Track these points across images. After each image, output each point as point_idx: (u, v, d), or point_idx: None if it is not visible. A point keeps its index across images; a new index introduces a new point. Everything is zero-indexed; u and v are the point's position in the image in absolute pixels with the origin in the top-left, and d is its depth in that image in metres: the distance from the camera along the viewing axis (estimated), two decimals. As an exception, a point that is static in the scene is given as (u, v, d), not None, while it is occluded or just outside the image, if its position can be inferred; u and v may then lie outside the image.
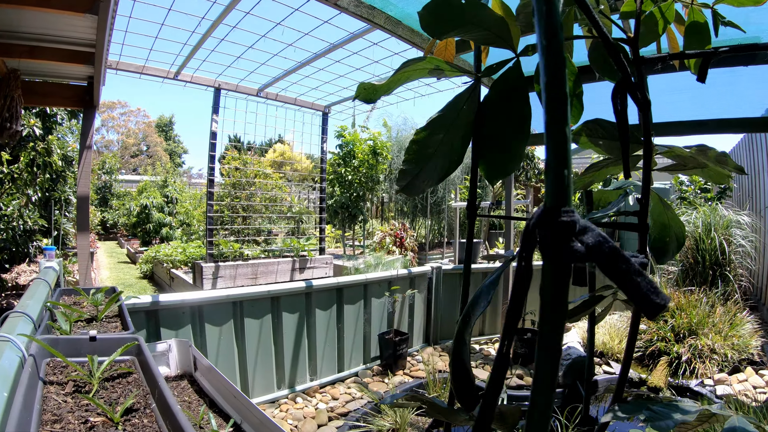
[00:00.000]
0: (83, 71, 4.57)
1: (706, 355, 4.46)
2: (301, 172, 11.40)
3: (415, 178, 0.99)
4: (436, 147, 0.98)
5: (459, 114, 0.97)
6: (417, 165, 0.98)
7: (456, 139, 0.97)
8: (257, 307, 3.53)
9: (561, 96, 0.41)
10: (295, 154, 13.84)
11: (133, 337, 1.22)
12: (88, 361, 1.05)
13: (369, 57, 5.26)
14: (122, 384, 1.04)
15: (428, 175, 0.97)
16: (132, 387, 1.01)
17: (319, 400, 3.70)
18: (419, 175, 0.98)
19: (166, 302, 3.02)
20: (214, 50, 5.10)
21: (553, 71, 0.41)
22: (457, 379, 0.73)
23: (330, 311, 4.08)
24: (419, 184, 0.98)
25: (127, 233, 17.82)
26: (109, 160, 22.32)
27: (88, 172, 5.09)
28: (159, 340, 2.88)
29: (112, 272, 11.35)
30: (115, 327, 1.62)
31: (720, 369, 4.42)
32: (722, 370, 4.41)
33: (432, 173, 0.97)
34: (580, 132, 1.07)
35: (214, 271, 6.29)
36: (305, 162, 13.38)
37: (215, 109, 6.12)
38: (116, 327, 1.62)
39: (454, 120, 0.97)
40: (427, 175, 0.97)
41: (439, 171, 0.96)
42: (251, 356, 3.49)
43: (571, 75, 1.08)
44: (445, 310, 5.26)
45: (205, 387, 2.51)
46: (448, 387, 3.83)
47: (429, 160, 0.98)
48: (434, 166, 0.97)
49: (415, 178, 0.99)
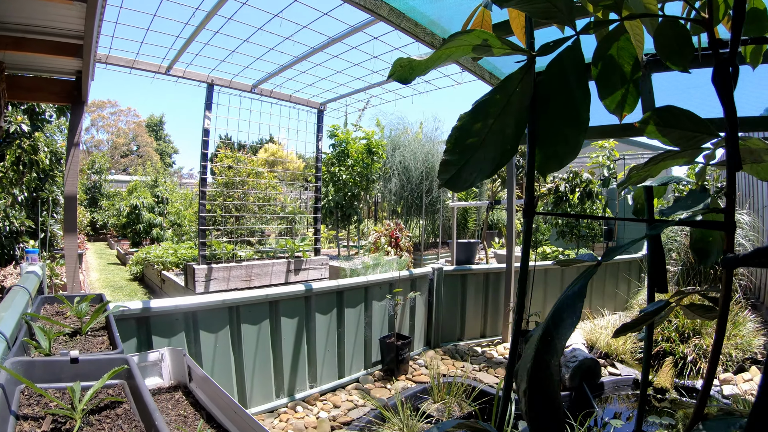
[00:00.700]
0: (71, 65, 4.38)
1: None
2: (293, 172, 11.22)
3: (461, 170, 0.84)
4: (485, 135, 0.83)
5: (511, 97, 0.82)
6: (462, 155, 0.83)
7: (509, 126, 0.82)
8: (254, 312, 3.36)
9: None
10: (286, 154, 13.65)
11: (122, 359, 1.06)
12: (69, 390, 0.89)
13: (368, 52, 5.11)
14: (111, 417, 0.88)
15: (477, 167, 0.82)
16: (122, 423, 0.85)
17: (320, 408, 3.54)
18: (465, 166, 0.83)
19: (157, 308, 2.84)
20: (208, 43, 4.91)
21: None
22: (538, 420, 0.57)
23: (330, 315, 3.91)
24: (466, 176, 0.83)
25: (117, 234, 17.51)
26: (98, 160, 21.92)
27: (76, 171, 4.88)
28: (151, 349, 2.71)
29: (101, 274, 11.09)
30: (101, 343, 1.45)
31: (725, 369, 4.38)
32: (727, 369, 4.37)
33: (481, 165, 0.82)
34: (648, 120, 0.93)
35: (207, 273, 6.09)
36: (297, 162, 13.19)
37: (208, 105, 5.93)
38: (102, 343, 1.45)
39: (505, 104, 0.83)
40: (475, 167, 0.82)
41: (490, 162, 0.81)
42: (249, 364, 3.32)
43: (629, 58, 0.93)
44: (446, 312, 5.12)
45: (201, 399, 2.34)
46: (453, 392, 3.70)
47: (477, 150, 0.83)
48: (483, 156, 0.82)
49: (460, 170, 0.85)
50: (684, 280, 6.10)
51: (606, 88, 0.93)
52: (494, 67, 5.11)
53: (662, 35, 0.98)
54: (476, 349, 5.09)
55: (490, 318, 5.49)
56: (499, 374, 4.37)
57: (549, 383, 0.56)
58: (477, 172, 0.84)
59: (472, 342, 5.33)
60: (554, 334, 0.58)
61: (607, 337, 4.92)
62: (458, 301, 5.23)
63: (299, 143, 24.31)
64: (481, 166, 0.83)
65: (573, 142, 0.80)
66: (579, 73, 0.74)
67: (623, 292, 6.83)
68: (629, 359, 4.75)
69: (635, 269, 7.10)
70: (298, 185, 11.46)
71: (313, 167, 7.81)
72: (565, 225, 9.51)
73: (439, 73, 5.83)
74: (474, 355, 4.92)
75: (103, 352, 1.29)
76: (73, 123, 4.80)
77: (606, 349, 4.81)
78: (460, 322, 5.28)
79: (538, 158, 0.81)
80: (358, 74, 5.86)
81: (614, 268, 6.83)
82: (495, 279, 5.44)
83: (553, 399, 0.55)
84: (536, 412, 0.56)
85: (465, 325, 5.30)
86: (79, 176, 20.69)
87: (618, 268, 6.87)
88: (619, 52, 0.91)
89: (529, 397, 0.57)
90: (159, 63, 5.48)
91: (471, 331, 5.38)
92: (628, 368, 4.57)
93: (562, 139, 0.81)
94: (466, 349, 5.07)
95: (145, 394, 0.86)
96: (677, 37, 0.90)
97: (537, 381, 0.56)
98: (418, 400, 3.76)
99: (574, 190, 8.58)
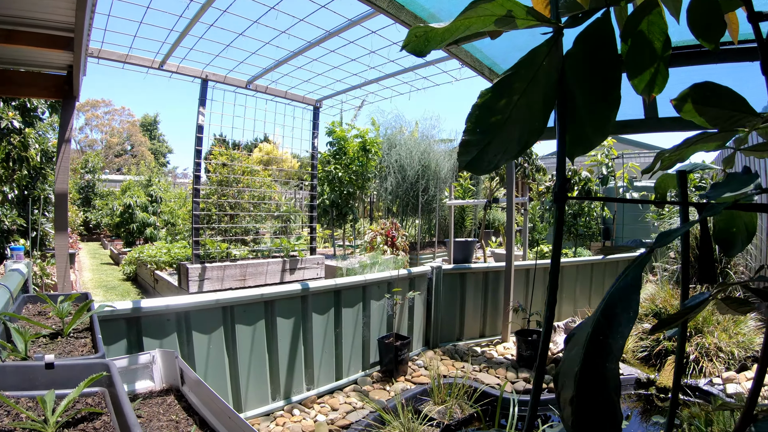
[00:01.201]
0: (63, 59, 4.26)
1: (713, 354, 4.40)
2: (288, 171, 11.12)
3: (484, 151, 0.76)
4: (510, 112, 0.75)
5: (538, 72, 0.75)
6: (485, 134, 0.75)
7: (536, 102, 0.74)
8: (249, 312, 3.26)
9: None
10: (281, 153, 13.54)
11: (102, 364, 0.96)
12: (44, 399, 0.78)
13: (366, 47, 5.01)
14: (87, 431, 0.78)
15: (502, 147, 0.74)
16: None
17: (318, 411, 3.44)
18: (489, 147, 0.75)
19: (148, 308, 2.73)
20: (202, 37, 4.79)
21: None
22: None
23: (327, 315, 3.81)
24: (489, 158, 0.74)
25: (111, 234, 17.31)
26: (92, 159, 21.68)
27: (67, 167, 4.76)
28: (141, 351, 2.60)
29: (94, 274, 10.94)
30: (83, 345, 1.34)
31: (727, 367, 4.33)
32: (729, 368, 4.32)
33: (507, 144, 0.73)
34: (685, 97, 0.84)
35: (201, 273, 5.98)
36: (291, 161, 13.08)
37: (202, 101, 5.81)
38: (85, 346, 1.34)
39: (531, 79, 0.74)
40: (500, 147, 0.74)
41: (517, 141, 0.73)
42: (243, 366, 3.21)
43: (660, 34, 0.85)
44: (445, 311, 5.03)
45: (194, 403, 2.24)
46: (454, 393, 3.61)
47: (501, 128, 0.75)
48: (509, 135, 0.74)
49: (483, 151, 0.76)
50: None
51: (635, 66, 0.85)
52: (493, 63, 5.02)
53: (694, 9, 0.90)
54: (476, 349, 5.01)
55: (490, 317, 5.40)
56: (499, 375, 4.29)
57: (604, 391, 0.47)
58: (502, 153, 0.76)
59: (471, 342, 5.24)
60: (607, 332, 0.49)
61: (608, 336, 4.85)
62: (457, 300, 5.15)
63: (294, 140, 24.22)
64: (506, 146, 0.75)
65: (603, 122, 0.73)
66: (610, 46, 0.68)
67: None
68: (630, 358, 4.69)
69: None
70: (293, 185, 11.37)
71: (309, 166, 7.71)
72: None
73: (437, 68, 5.75)
74: (474, 355, 4.83)
75: (84, 356, 1.19)
76: (65, 119, 4.68)
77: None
78: (459, 322, 5.20)
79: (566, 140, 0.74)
80: (355, 70, 5.76)
81: (614, 266, 6.77)
82: (494, 278, 5.36)
83: (612, 410, 0.46)
84: (590, 424, 0.46)
85: (464, 324, 5.22)
86: (73, 176, 20.51)
87: (617, 266, 6.82)
88: (649, 28, 0.83)
89: (578, 406, 0.48)
90: (152, 58, 5.37)
91: (470, 331, 5.29)
92: (629, 368, 4.51)
93: (593, 118, 0.74)
94: (465, 349, 4.98)
95: (125, 406, 0.76)
96: (709, 13, 0.82)
97: (589, 388, 0.47)
98: (418, 401, 3.66)
99: (572, 188, 8.52)
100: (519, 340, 4.59)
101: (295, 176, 11.07)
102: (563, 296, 6.02)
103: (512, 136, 0.74)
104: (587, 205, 8.99)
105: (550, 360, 4.64)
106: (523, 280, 5.59)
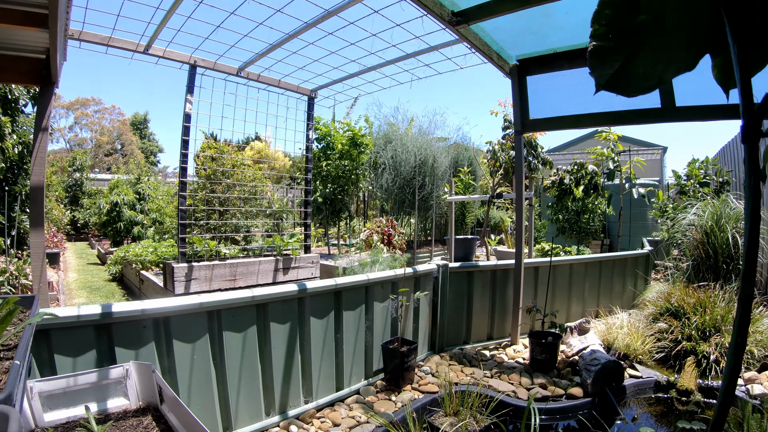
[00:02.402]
0: (40, 40, 3.85)
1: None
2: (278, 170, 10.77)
3: (631, 61, 0.39)
4: (657, 10, 0.38)
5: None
6: (626, 40, 0.38)
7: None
8: (239, 316, 2.87)
9: None
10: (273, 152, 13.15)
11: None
12: None
13: (366, 29, 4.65)
14: None
15: (660, 55, 0.38)
16: None
17: (318, 427, 3.06)
18: (638, 56, 0.39)
19: (121, 313, 2.34)
20: (191, 17, 4.40)
21: None
22: None
23: (327, 319, 3.44)
24: (644, 69, 0.40)
25: (99, 233, 16.82)
26: (80, 157, 21.11)
27: (44, 159, 4.35)
28: (114, 364, 2.23)
29: (80, 275, 10.49)
30: (5, 369, 0.97)
31: (747, 367, 4.11)
32: (749, 368, 4.10)
33: (667, 53, 0.37)
34: None
35: (187, 273, 5.58)
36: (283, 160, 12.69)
37: (190, 88, 5.42)
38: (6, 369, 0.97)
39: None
40: (659, 54, 0.38)
41: (683, 46, 0.37)
42: (233, 378, 2.83)
43: None
44: (451, 313, 4.68)
45: (174, 425, 1.89)
46: (467, 403, 3.26)
47: (650, 32, 0.38)
48: (669, 42, 0.38)
49: (629, 61, 0.40)
50: (696, 275, 5.82)
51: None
52: (501, 48, 4.71)
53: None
54: (484, 353, 4.67)
55: (498, 319, 5.07)
56: (513, 381, 3.96)
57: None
58: (665, 63, 0.41)
59: (478, 345, 4.90)
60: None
61: (624, 337, 4.55)
62: (464, 301, 4.80)
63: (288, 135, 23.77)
64: (668, 54, 0.39)
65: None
66: None
67: (630, 289, 6.49)
68: (647, 360, 4.41)
69: (641, 265, 6.77)
70: (285, 184, 11.04)
71: (301, 165, 7.33)
72: (565, 221, 9.17)
73: (441, 55, 5.40)
74: (483, 359, 4.49)
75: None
76: (42, 106, 4.27)
77: (624, 350, 4.45)
78: (466, 324, 4.85)
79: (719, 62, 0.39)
80: (354, 55, 5.40)
81: (622, 264, 6.47)
82: (503, 276, 5.02)
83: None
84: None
85: (471, 327, 4.88)
86: (61, 174, 19.93)
87: (626, 264, 6.52)
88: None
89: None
90: (137, 41, 4.96)
91: (477, 334, 4.95)
92: (648, 370, 4.23)
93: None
94: (473, 352, 4.64)
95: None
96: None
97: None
98: (428, 413, 3.31)
99: (579, 182, 8.21)
100: (532, 343, 4.26)
101: (288, 172, 10.71)
102: (572, 295, 5.73)
103: (674, 43, 0.39)
104: (591, 201, 8.71)
105: (566, 363, 4.33)
106: (531, 278, 5.27)
